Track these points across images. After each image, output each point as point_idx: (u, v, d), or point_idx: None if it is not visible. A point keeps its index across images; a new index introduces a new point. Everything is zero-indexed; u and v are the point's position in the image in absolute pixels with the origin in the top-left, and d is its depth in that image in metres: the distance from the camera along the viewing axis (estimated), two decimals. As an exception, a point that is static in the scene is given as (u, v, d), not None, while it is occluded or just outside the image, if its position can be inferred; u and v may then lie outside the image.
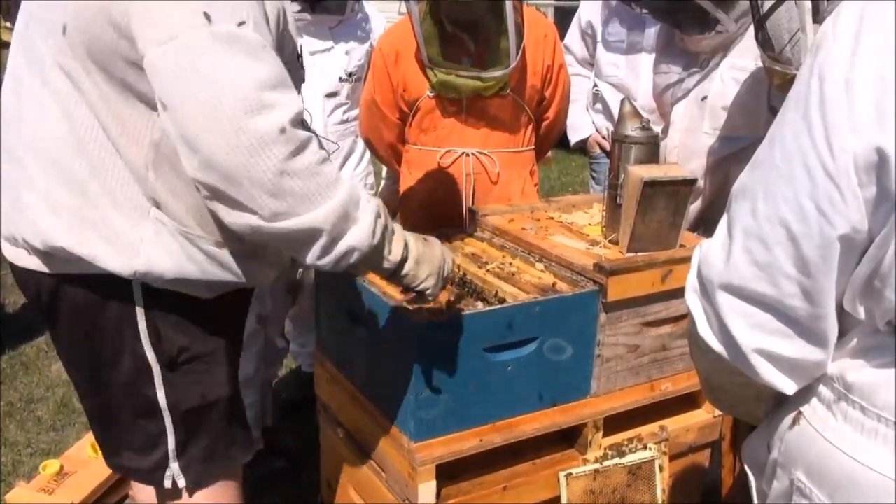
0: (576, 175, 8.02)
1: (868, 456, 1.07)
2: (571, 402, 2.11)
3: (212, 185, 1.41)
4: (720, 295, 1.15)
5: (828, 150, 1.01)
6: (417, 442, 1.90)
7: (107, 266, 1.56)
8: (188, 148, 1.39)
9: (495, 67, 2.61)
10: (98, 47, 1.46)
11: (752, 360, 1.14)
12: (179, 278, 1.61)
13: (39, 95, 1.55)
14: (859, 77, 0.99)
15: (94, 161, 1.53)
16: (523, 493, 2.09)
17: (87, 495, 2.62)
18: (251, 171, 1.38)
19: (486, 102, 2.76)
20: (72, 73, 1.50)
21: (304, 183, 1.43)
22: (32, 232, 1.58)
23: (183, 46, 1.36)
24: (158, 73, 1.38)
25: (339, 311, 2.22)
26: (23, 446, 3.31)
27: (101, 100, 1.50)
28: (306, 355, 3.56)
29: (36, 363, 4.02)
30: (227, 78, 1.36)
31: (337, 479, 2.42)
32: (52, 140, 1.54)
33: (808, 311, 1.09)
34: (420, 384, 1.86)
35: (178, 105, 1.38)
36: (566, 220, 2.52)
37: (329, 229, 1.48)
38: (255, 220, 1.43)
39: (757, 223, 1.10)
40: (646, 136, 2.27)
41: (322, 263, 1.53)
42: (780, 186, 1.07)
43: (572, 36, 4.03)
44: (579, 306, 2.04)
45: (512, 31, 2.56)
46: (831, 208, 1.02)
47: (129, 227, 1.56)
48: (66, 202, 1.55)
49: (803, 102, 1.05)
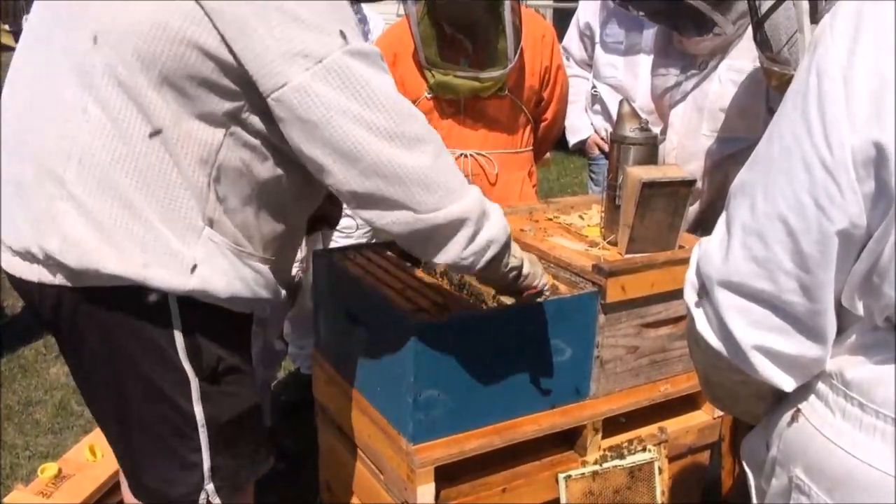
0: (574, 176, 8.02)
1: (867, 453, 1.07)
2: (570, 404, 2.11)
3: (370, 190, 1.51)
4: (719, 292, 1.15)
5: (826, 145, 1.01)
6: (416, 444, 1.90)
7: (160, 287, 1.52)
8: (347, 159, 1.47)
9: (493, 68, 2.61)
10: (178, 66, 1.44)
11: (751, 357, 1.14)
12: (229, 297, 1.59)
13: (85, 108, 1.48)
14: (857, 73, 1.00)
15: (151, 181, 1.49)
16: (522, 495, 2.09)
17: (84, 498, 2.61)
18: (413, 169, 1.50)
19: (484, 103, 2.76)
20: (135, 89, 1.45)
21: (448, 177, 1.56)
22: (71, 252, 1.50)
23: (329, 67, 1.43)
24: (310, 95, 1.43)
25: (337, 313, 2.21)
26: (21, 449, 3.30)
27: (170, 119, 1.47)
28: (305, 357, 3.55)
29: (34, 366, 4.01)
30: (379, 85, 1.47)
31: (336, 480, 2.42)
32: (103, 158, 1.48)
33: (807, 308, 1.09)
34: (419, 386, 1.85)
35: (335, 120, 1.45)
36: (565, 221, 2.52)
37: (474, 219, 1.59)
38: (410, 216, 1.54)
39: (755, 219, 1.10)
40: (644, 137, 2.27)
41: (464, 256, 1.61)
42: (778, 182, 1.07)
43: (570, 37, 4.03)
44: (578, 308, 2.03)
45: (510, 31, 2.56)
46: (829, 203, 1.02)
47: (184, 248, 1.53)
48: (117, 222, 1.49)
49: (801, 99, 1.05)
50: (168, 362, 1.60)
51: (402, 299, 1.96)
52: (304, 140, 1.48)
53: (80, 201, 1.49)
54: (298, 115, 1.45)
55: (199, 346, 1.62)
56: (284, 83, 1.43)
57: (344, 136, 1.46)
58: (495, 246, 1.64)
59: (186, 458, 1.67)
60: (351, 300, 2.13)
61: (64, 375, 3.90)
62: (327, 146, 1.47)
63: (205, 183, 1.53)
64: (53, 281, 1.55)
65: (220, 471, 1.70)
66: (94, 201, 1.48)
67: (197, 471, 1.68)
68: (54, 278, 1.54)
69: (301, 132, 1.47)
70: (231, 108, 1.50)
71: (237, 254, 1.61)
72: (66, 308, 1.58)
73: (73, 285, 1.54)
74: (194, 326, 1.60)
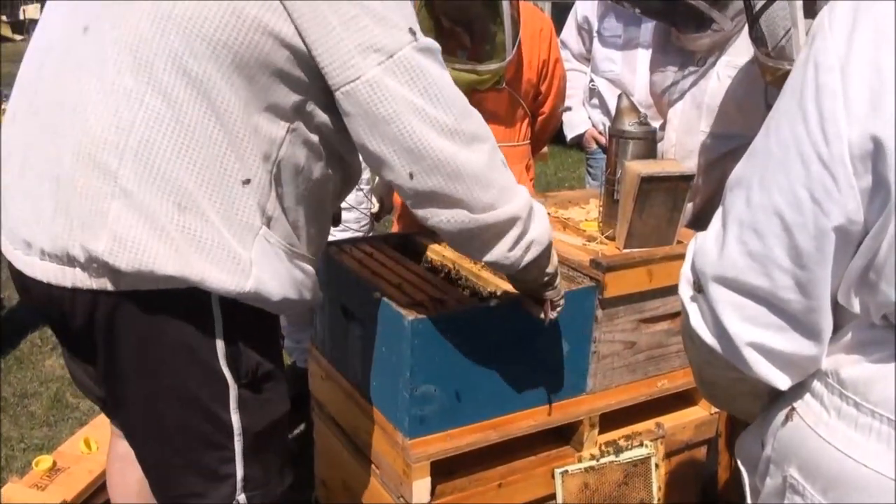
0: (572, 171, 8.01)
1: (862, 453, 1.06)
2: (567, 399, 2.10)
3: (431, 188, 1.51)
4: (714, 287, 1.14)
5: (822, 138, 1.00)
6: (412, 438, 1.89)
7: (216, 288, 1.45)
8: (412, 156, 1.48)
9: (491, 61, 2.60)
10: (250, 54, 1.41)
11: (746, 353, 1.13)
12: (281, 300, 1.55)
13: (142, 99, 1.40)
14: (855, 65, 0.99)
15: (213, 176, 1.43)
16: (518, 491, 2.09)
17: (79, 491, 2.60)
18: (472, 166, 1.51)
19: (481, 96, 2.75)
20: (202, 79, 1.40)
21: (502, 176, 1.58)
22: (122, 253, 1.40)
23: (399, 62, 1.44)
24: (382, 89, 1.43)
25: (333, 308, 2.20)
26: (16, 441, 3.29)
27: (237, 111, 1.43)
28: (301, 351, 3.54)
29: (30, 358, 4.00)
30: (445, 83, 1.50)
31: (331, 475, 2.41)
32: (163, 151, 1.40)
33: (803, 304, 1.08)
34: (415, 381, 1.85)
35: (403, 116, 1.45)
36: (563, 215, 2.51)
37: (524, 219, 1.61)
38: (465, 214, 1.55)
39: (751, 213, 1.09)
40: (643, 131, 2.26)
41: (509, 255, 1.63)
42: (775, 175, 1.06)
43: (569, 31, 4.02)
44: (575, 302, 2.02)
45: (508, 24, 2.55)
46: (826, 197, 1.01)
47: (241, 247, 1.47)
48: (175, 221, 1.41)
49: (798, 91, 1.04)
50: (207, 368, 1.53)
51: (399, 293, 1.95)
52: (369, 135, 1.48)
53: (135, 197, 1.40)
54: (367, 109, 1.44)
55: (240, 351, 1.55)
56: (358, 76, 1.42)
57: (411, 132, 1.46)
58: (537, 247, 1.65)
59: (218, 469, 1.60)
60: (347, 295, 2.12)
61: (59, 368, 3.89)
62: (393, 142, 1.47)
63: (266, 180, 1.50)
64: (90, 286, 1.45)
65: (252, 481, 1.64)
66: (150, 197, 1.40)
67: (229, 482, 1.61)
68: (92, 282, 1.45)
69: (367, 127, 1.47)
70: (297, 101, 1.49)
71: (289, 254, 1.57)
72: (101, 313, 1.49)
73: (114, 289, 1.45)
74: (235, 331, 1.54)
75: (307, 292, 1.66)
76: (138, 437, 1.66)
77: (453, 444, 1.94)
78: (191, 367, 1.52)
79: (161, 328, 1.49)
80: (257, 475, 1.64)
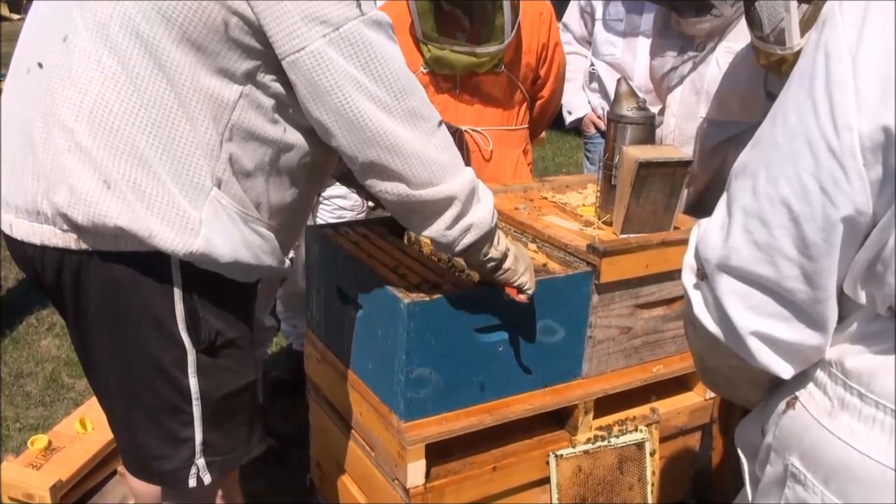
0: (570, 156, 7.99)
1: (865, 443, 1.05)
2: (562, 384, 2.11)
3: (371, 159, 1.55)
4: (718, 275, 1.13)
5: (832, 128, 0.99)
6: (407, 422, 1.89)
7: (163, 245, 1.49)
8: (351, 127, 1.51)
9: (489, 43, 2.59)
10: (200, 21, 1.43)
11: (749, 342, 1.12)
12: (234, 262, 1.58)
13: (100, 60, 1.46)
14: (866, 54, 0.97)
15: (163, 136, 1.48)
16: (513, 474, 2.09)
17: (75, 471, 2.61)
18: (410, 142, 1.55)
19: (479, 79, 2.74)
20: (153, 42, 1.44)
21: (445, 155, 1.61)
22: (78, 205, 1.47)
23: (345, 35, 1.46)
24: (325, 61, 1.46)
25: (329, 291, 2.20)
26: (11, 421, 3.29)
27: (187, 75, 1.46)
28: (297, 335, 3.54)
29: (25, 338, 4.00)
30: (388, 59, 1.51)
31: (326, 458, 2.42)
32: (117, 110, 1.46)
33: (808, 295, 1.07)
34: (410, 364, 1.85)
35: (344, 89, 1.48)
36: (560, 200, 2.50)
37: (463, 200, 1.63)
38: (403, 188, 1.59)
39: (757, 202, 1.07)
40: (641, 116, 2.25)
41: (445, 234, 1.66)
42: (782, 164, 1.04)
43: (571, 14, 4.00)
44: (572, 287, 2.02)
45: (507, 7, 2.53)
46: (835, 188, 0.99)
47: (191, 207, 1.51)
48: (126, 177, 1.47)
49: (808, 79, 1.02)
50: (166, 332, 1.58)
51: (395, 276, 1.95)
52: (312, 104, 1.51)
53: (89, 153, 1.47)
54: (310, 79, 1.48)
55: (199, 317, 1.60)
56: (302, 47, 1.45)
57: (350, 105, 1.49)
58: (476, 231, 1.67)
59: (178, 433, 1.65)
60: (343, 277, 2.12)
61: (55, 348, 3.89)
62: (334, 113, 1.50)
63: (216, 142, 1.52)
64: (56, 243, 1.53)
65: (213, 447, 1.69)
66: (103, 154, 1.46)
67: (188, 445, 1.66)
68: (58, 240, 1.52)
69: (311, 96, 1.50)
70: (250, 67, 1.51)
71: (243, 218, 1.59)
72: (67, 271, 1.56)
73: (77, 248, 1.52)
74: (195, 297, 1.59)
75: (267, 258, 1.67)
76: (106, 398, 1.73)
77: (448, 427, 1.94)
78: (151, 330, 1.58)
79: (123, 290, 1.56)
80: (218, 441, 1.69)
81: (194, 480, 1.68)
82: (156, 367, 1.61)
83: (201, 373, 1.63)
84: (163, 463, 1.68)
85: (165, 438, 1.66)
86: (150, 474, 1.72)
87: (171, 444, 1.66)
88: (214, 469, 1.70)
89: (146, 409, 1.65)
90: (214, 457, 1.70)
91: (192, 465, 1.68)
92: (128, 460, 1.75)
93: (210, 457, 1.69)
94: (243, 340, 1.71)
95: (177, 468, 1.68)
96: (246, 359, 1.72)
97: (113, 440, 2.70)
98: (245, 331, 1.71)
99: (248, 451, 1.78)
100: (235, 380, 1.70)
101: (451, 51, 2.60)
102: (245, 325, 1.72)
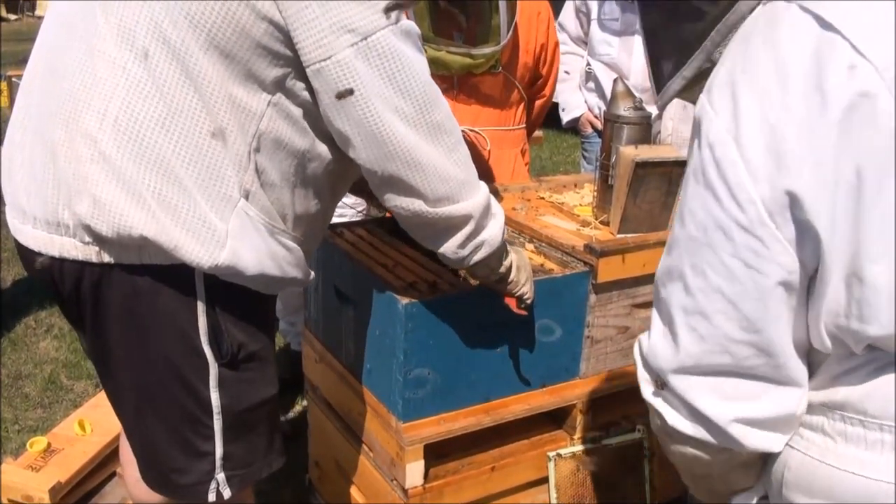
0: (567, 155, 8.00)
1: (875, 470, 1.05)
2: (560, 383, 2.11)
3: (390, 173, 1.52)
4: (678, 380, 1.14)
5: (736, 206, 1.03)
6: (405, 422, 1.90)
7: (188, 258, 1.45)
8: (373, 140, 1.48)
9: (486, 44, 2.59)
10: (228, 27, 1.39)
11: (733, 431, 1.13)
12: (259, 275, 1.54)
13: (125, 66, 1.41)
14: (746, 132, 1.02)
15: (191, 146, 1.43)
16: (511, 474, 2.09)
17: (74, 473, 2.61)
18: (431, 158, 1.52)
19: (477, 80, 2.74)
20: (181, 48, 1.40)
21: (464, 172, 1.58)
22: (101, 216, 1.42)
23: (374, 45, 1.42)
24: (351, 71, 1.42)
25: (327, 290, 2.20)
26: (10, 423, 3.29)
27: (215, 83, 1.42)
28: (296, 334, 3.54)
29: (24, 340, 4.00)
30: (416, 71, 1.47)
31: (324, 458, 2.42)
32: (143, 119, 1.41)
33: (770, 364, 1.09)
34: (408, 364, 1.85)
35: (368, 101, 1.44)
36: (557, 200, 2.51)
37: (477, 218, 1.62)
38: (420, 204, 1.56)
39: (692, 298, 1.11)
40: (638, 116, 2.25)
41: (458, 252, 1.65)
42: (703, 256, 1.08)
43: (567, 13, 4.00)
44: (569, 287, 2.03)
45: (503, 7, 2.54)
46: (758, 259, 1.03)
47: (218, 219, 1.47)
48: (152, 187, 1.42)
49: (701, 173, 1.07)
50: (189, 344, 1.55)
51: (393, 276, 1.95)
52: (334, 113, 1.48)
53: (113, 163, 1.42)
54: (335, 88, 1.44)
55: (222, 329, 1.57)
56: (329, 56, 1.42)
57: (374, 117, 1.46)
58: (487, 248, 1.67)
59: (199, 446, 1.62)
60: (341, 277, 2.12)
61: (54, 350, 3.89)
62: (357, 124, 1.47)
63: (245, 152, 1.48)
64: (77, 256, 1.48)
65: (233, 460, 1.65)
66: (128, 163, 1.42)
67: (208, 459, 1.63)
68: (77, 252, 1.48)
69: (333, 105, 1.47)
70: (279, 75, 1.47)
71: (270, 230, 1.56)
72: (87, 283, 1.52)
73: (98, 260, 1.48)
74: (218, 309, 1.55)
75: (293, 270, 1.64)
76: (125, 409, 1.68)
77: (446, 427, 1.95)
78: (173, 343, 1.54)
79: (145, 303, 1.51)
80: (238, 454, 1.66)
81: (214, 495, 1.65)
82: (177, 380, 1.57)
83: (223, 386, 1.59)
84: (182, 476, 1.64)
85: (185, 451, 1.62)
86: (169, 487, 1.68)
87: (190, 457, 1.63)
88: (234, 483, 1.66)
89: (166, 421, 1.61)
90: (234, 470, 1.66)
91: (212, 479, 1.64)
92: (145, 471, 1.70)
93: (230, 471, 1.65)
94: (265, 352, 1.67)
95: (196, 482, 1.64)
96: (267, 371, 1.68)
97: (112, 442, 2.72)
98: (266, 342, 1.68)
99: (269, 463, 1.74)
100: (257, 393, 1.66)
101: (448, 52, 2.61)
102: (266, 336, 1.69)
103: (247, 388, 1.64)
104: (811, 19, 0.99)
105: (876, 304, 0.99)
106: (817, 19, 0.99)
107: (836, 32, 0.97)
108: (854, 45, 0.95)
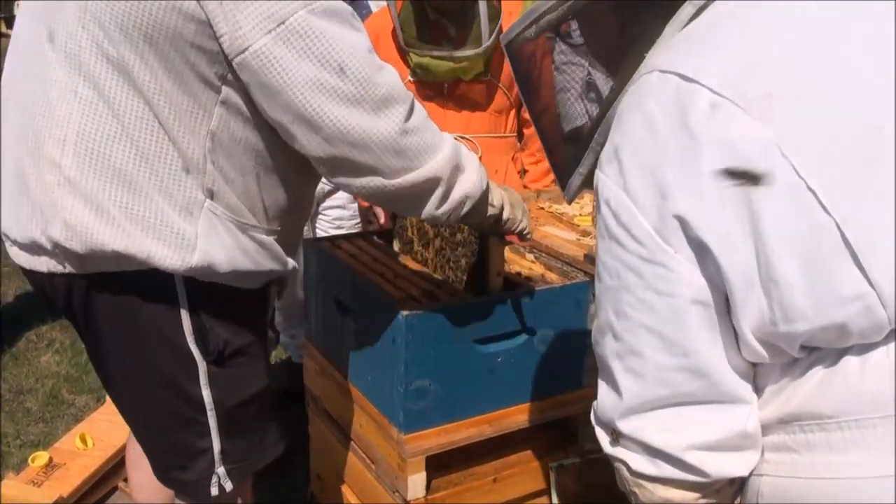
0: (568, 165, 7.99)
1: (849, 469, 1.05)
2: (562, 394, 2.10)
3: (336, 156, 1.48)
4: (626, 423, 1.17)
5: (636, 243, 1.10)
6: (407, 433, 1.89)
7: (161, 264, 1.49)
8: (310, 126, 1.45)
9: (466, 47, 2.62)
10: (160, 33, 1.39)
11: (689, 458, 1.14)
12: (232, 271, 1.56)
13: (75, 90, 1.45)
14: (631, 180, 1.10)
15: (148, 156, 1.46)
16: (513, 485, 2.09)
17: (75, 487, 2.61)
18: (378, 133, 1.47)
19: (466, 87, 2.76)
20: (122, 62, 1.42)
21: (419, 138, 1.52)
22: (74, 238, 1.47)
23: (293, 29, 1.39)
24: (270, 60, 1.40)
25: (328, 302, 2.20)
26: (12, 438, 3.29)
27: (159, 90, 1.43)
28: (296, 347, 3.54)
29: (26, 354, 3.99)
30: (346, 47, 1.43)
31: (326, 470, 2.42)
32: (99, 138, 1.45)
33: (706, 384, 1.11)
34: (409, 375, 1.85)
35: (295, 87, 1.41)
36: (557, 210, 2.51)
37: (446, 177, 1.57)
38: (378, 180, 1.52)
39: (622, 342, 1.15)
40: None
41: (439, 213, 1.61)
42: (621, 299, 1.14)
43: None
44: (570, 297, 2.03)
45: (483, 10, 2.57)
46: (666, 283, 1.09)
47: (185, 223, 1.50)
48: (117, 202, 1.46)
49: (605, 228, 1.15)
50: (175, 345, 1.59)
51: (393, 288, 1.95)
52: (267, 105, 1.46)
53: (78, 185, 1.46)
54: (260, 80, 1.42)
55: (206, 327, 1.60)
56: (246, 47, 1.39)
57: (305, 102, 1.42)
58: (470, 201, 1.64)
59: (196, 444, 1.67)
60: (341, 289, 2.12)
61: (55, 364, 3.89)
62: (289, 112, 1.44)
63: (200, 154, 1.49)
64: (63, 270, 1.53)
65: (231, 454, 1.71)
66: (91, 182, 1.46)
67: (207, 456, 1.68)
68: (63, 267, 1.53)
69: (264, 97, 1.45)
70: (220, 73, 1.45)
71: (239, 226, 1.57)
72: (77, 296, 1.57)
73: (81, 272, 1.53)
74: (201, 308, 1.59)
75: (268, 262, 1.64)
76: (127, 413, 1.76)
77: (448, 438, 1.94)
78: (160, 346, 1.59)
79: (130, 308, 1.56)
80: (235, 448, 1.71)
81: (216, 489, 1.71)
82: (168, 382, 1.62)
83: (213, 383, 1.63)
84: (184, 473, 1.71)
85: (184, 450, 1.68)
86: (174, 483, 1.77)
87: (190, 455, 1.68)
88: (235, 475, 1.73)
89: (163, 422, 1.67)
90: (234, 463, 1.72)
91: (213, 473, 1.70)
92: (154, 469, 1.78)
93: (230, 464, 1.71)
94: (253, 347, 1.71)
95: (198, 478, 1.70)
96: (256, 365, 1.72)
97: (114, 456, 2.72)
98: (252, 338, 1.71)
99: (267, 452, 1.80)
100: (248, 387, 1.71)
101: (431, 57, 2.63)
102: (252, 332, 1.71)
103: (237, 384, 1.68)
104: (672, 76, 1.09)
105: (795, 301, 1.02)
106: (678, 76, 1.08)
107: (695, 83, 1.06)
108: (713, 89, 1.04)
